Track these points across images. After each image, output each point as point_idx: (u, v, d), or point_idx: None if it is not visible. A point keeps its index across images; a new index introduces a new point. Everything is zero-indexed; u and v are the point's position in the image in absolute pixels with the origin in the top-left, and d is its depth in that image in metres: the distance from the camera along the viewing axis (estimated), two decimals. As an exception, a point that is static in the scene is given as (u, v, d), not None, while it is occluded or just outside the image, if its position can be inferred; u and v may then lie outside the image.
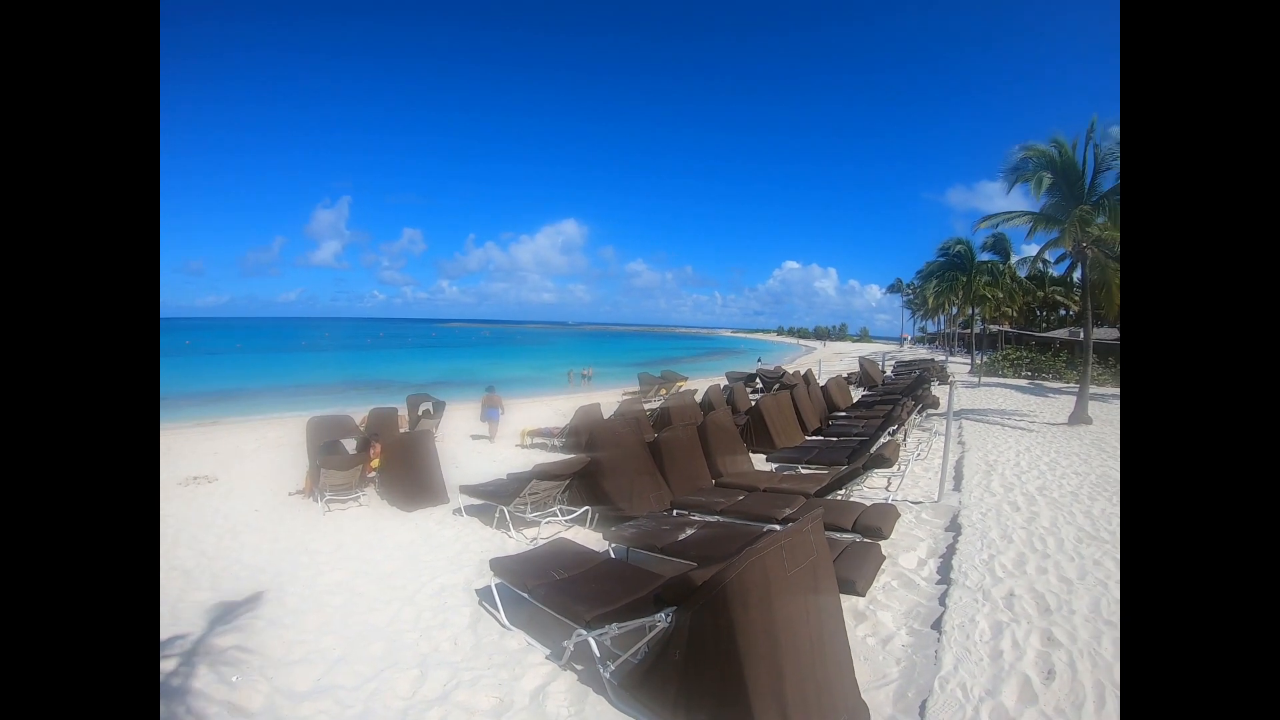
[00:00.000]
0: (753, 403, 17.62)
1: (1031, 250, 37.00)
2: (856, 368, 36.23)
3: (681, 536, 7.21)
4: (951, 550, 7.74)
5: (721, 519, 8.27)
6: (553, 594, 5.72)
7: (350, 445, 12.69)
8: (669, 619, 4.43)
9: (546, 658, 5.46)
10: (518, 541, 8.51)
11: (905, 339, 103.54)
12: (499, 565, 6.45)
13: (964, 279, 42.89)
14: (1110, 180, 19.09)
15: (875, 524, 7.28)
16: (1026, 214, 20.71)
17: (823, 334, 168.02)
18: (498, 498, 9.10)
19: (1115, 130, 18.64)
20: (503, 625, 6.02)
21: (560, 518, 9.17)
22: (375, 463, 11.36)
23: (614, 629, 4.91)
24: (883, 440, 12.22)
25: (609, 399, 22.83)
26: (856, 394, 25.80)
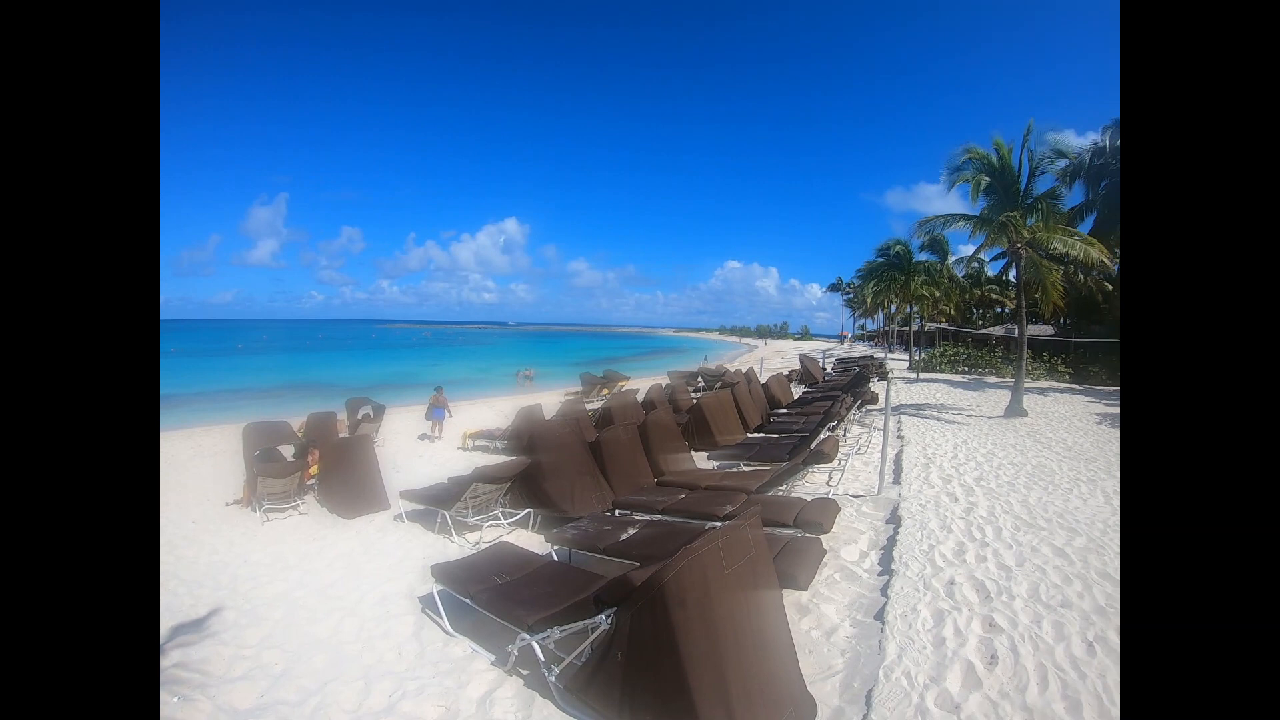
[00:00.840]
0: (694, 401, 17.68)
1: (969, 250, 37.77)
2: (797, 365, 36.61)
3: (623, 536, 7.22)
4: (892, 542, 7.87)
5: (663, 518, 8.29)
6: (495, 599, 5.69)
7: (288, 452, 12.48)
8: (609, 620, 4.43)
9: (491, 663, 5.44)
10: (460, 546, 8.44)
11: (845, 336, 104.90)
12: (440, 571, 6.39)
13: (902, 278, 43.56)
14: (1044, 184, 19.85)
15: (816, 519, 7.39)
16: (964, 217, 21.26)
17: (764, 332, 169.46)
18: (439, 502, 9.00)
19: (1050, 136, 19.28)
20: (446, 632, 5.98)
21: (502, 521, 9.13)
22: (314, 470, 11.17)
23: (556, 632, 4.88)
24: (822, 436, 12.39)
25: (551, 399, 22.76)
26: (797, 391, 26.03)
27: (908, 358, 45.68)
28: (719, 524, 6.87)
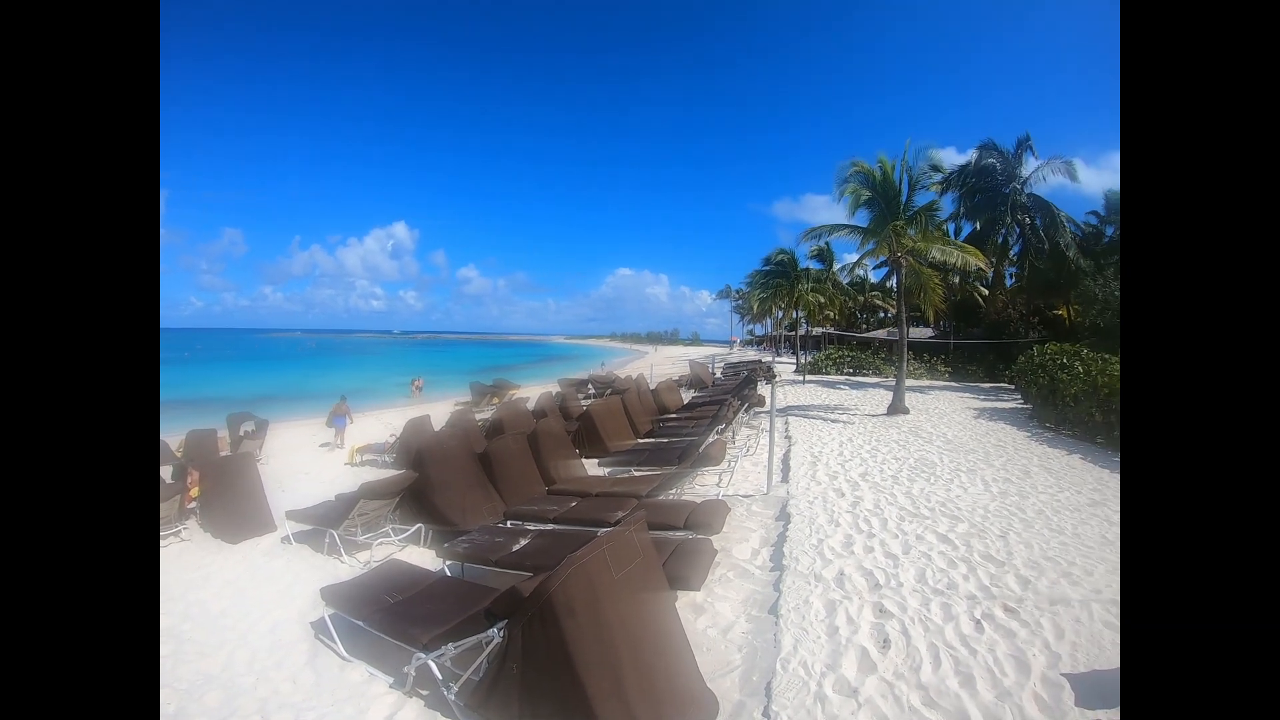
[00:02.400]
0: (585, 408, 17.70)
1: (854, 258, 39.02)
2: (687, 371, 36.96)
3: (515, 547, 7.17)
4: (782, 538, 8.01)
5: (555, 527, 8.27)
6: (388, 619, 5.60)
7: (166, 473, 11.95)
8: (502, 633, 4.41)
9: (390, 686, 5.33)
10: (350, 566, 8.22)
11: (735, 342, 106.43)
12: (331, 594, 6.26)
13: (788, 285, 44.40)
14: (924, 198, 20.83)
15: (706, 520, 7.52)
16: (848, 227, 22.00)
17: (655, 339, 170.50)
18: (326, 522, 8.77)
19: (930, 151, 20.16)
20: (342, 657, 5.83)
21: (393, 537, 8.94)
22: (194, 491, 10.71)
23: (451, 649, 4.82)
24: (710, 440, 12.56)
25: (443, 410, 22.40)
26: (687, 396, 26.26)
27: (795, 361, 46.60)
28: (611, 530, 6.93)
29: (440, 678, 4.91)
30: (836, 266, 49.03)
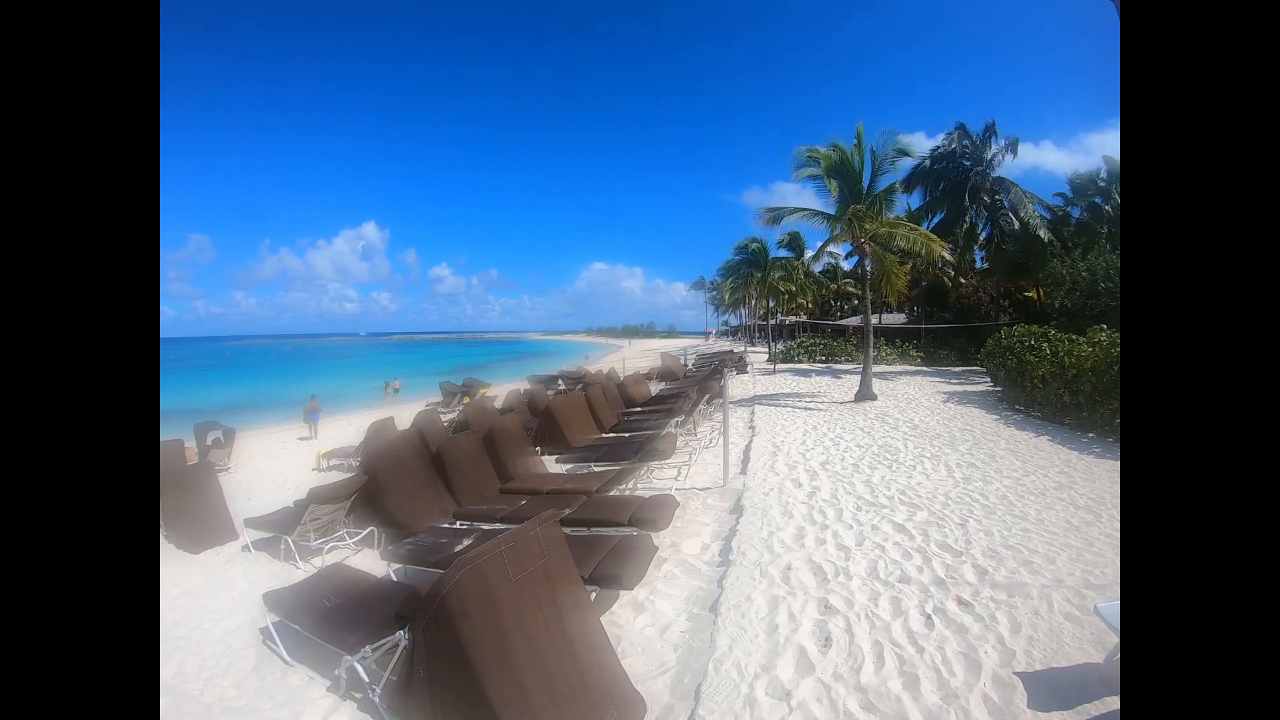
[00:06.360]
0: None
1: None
2: (659, 363, 37.10)
3: (457, 548, 7.04)
4: (733, 532, 7.95)
5: (502, 526, 8.15)
6: (320, 623, 5.59)
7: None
8: (407, 636, 4.38)
9: (327, 689, 5.31)
10: (305, 572, 8.06)
11: (710, 333, 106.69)
12: (272, 600, 6.23)
13: (759, 274, 44.45)
14: (886, 183, 20.99)
15: (651, 516, 7.44)
16: (807, 210, 21.92)
17: (630, 332, 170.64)
18: (281, 528, 8.73)
19: (900, 137, 20.32)
20: (285, 662, 5.80)
21: (348, 541, 8.89)
22: (151, 503, 10.62)
23: (369, 651, 4.81)
24: (663, 433, 12.64)
25: (413, 411, 22.34)
26: (658, 388, 26.24)
27: (767, 350, 46.77)
28: (512, 530, 6.93)
29: (367, 680, 4.89)
30: (808, 255, 49.22)
